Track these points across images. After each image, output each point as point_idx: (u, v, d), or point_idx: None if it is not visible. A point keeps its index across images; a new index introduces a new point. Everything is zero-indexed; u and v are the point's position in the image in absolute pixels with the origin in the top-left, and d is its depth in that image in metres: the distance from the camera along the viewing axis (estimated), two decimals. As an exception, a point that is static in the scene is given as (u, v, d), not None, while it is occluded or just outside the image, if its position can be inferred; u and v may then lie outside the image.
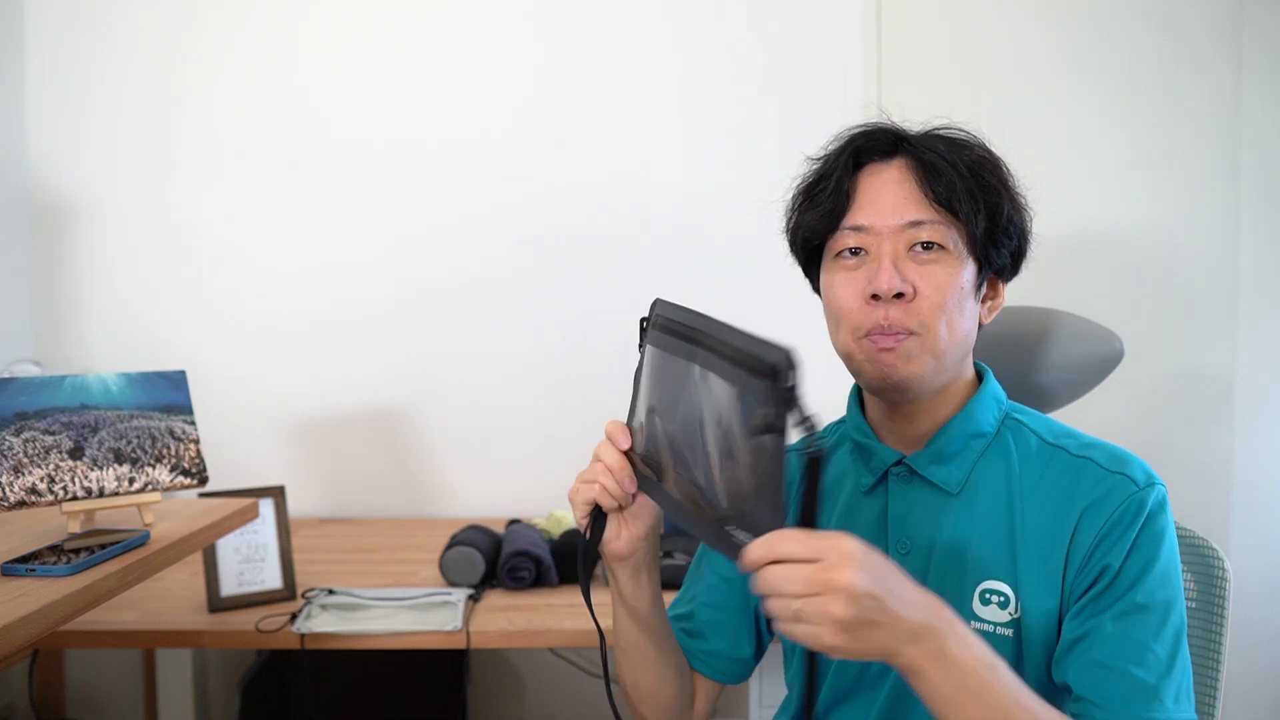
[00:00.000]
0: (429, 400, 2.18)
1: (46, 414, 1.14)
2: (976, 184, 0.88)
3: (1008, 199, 0.90)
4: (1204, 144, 2.13)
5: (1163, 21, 2.12)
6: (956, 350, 0.89)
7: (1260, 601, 2.14)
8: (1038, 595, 0.86)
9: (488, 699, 2.19)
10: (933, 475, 0.92)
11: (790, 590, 0.65)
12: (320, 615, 1.50)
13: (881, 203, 0.89)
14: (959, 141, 0.91)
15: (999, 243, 0.89)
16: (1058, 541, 0.86)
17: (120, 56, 2.14)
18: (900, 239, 0.88)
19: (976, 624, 0.87)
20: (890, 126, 0.93)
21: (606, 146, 2.15)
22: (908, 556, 0.92)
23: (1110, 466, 0.87)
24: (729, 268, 2.14)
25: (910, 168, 0.89)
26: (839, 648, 0.65)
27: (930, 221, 0.87)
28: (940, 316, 0.87)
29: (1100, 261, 2.14)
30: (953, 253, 0.88)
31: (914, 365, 0.87)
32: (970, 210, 0.87)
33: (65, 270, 2.16)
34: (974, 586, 0.88)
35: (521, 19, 2.14)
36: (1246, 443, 2.16)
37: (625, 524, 0.88)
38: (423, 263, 2.17)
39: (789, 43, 2.14)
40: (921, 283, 0.87)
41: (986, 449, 0.92)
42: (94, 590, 0.98)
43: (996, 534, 0.89)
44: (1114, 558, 0.83)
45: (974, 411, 0.92)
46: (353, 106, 2.15)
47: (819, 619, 0.64)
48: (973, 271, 0.89)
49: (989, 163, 0.90)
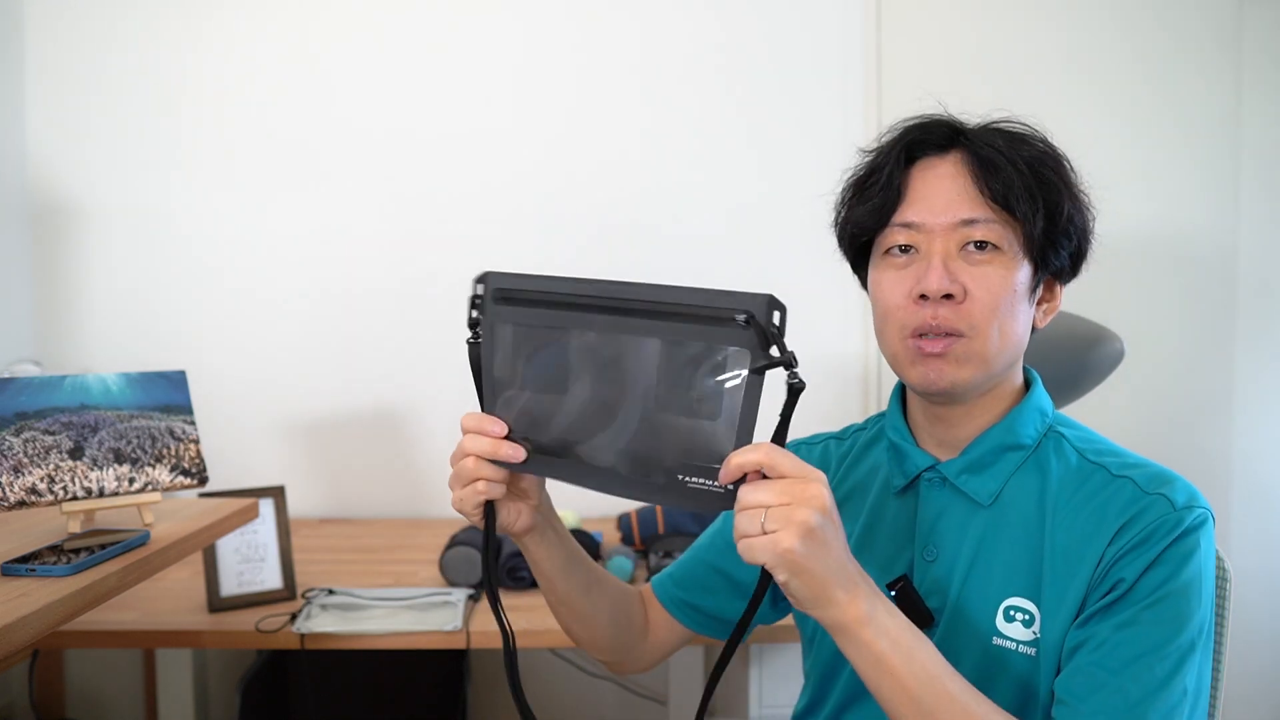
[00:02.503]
0: (429, 400, 2.18)
1: (46, 414, 1.14)
2: (1036, 181, 0.84)
3: (1069, 198, 0.86)
4: (1204, 144, 2.14)
5: (1163, 22, 2.12)
6: (1006, 356, 0.86)
7: (1260, 601, 2.14)
8: (1059, 615, 0.82)
9: (488, 699, 2.19)
10: (964, 485, 0.89)
11: (764, 500, 0.68)
12: (320, 615, 1.50)
13: (934, 199, 0.85)
14: (1019, 136, 0.87)
15: (1058, 244, 0.86)
16: (1086, 562, 0.82)
17: (120, 56, 2.13)
18: (952, 238, 0.84)
19: (1000, 640, 0.85)
20: (947, 119, 0.89)
21: (608, 146, 2.15)
22: (934, 564, 0.89)
23: (1149, 488, 0.83)
24: (729, 268, 2.14)
25: (966, 163, 0.85)
26: (793, 553, 0.67)
27: (984, 220, 0.84)
28: (992, 320, 0.83)
29: (1100, 261, 2.12)
30: (1007, 253, 0.84)
31: (964, 371, 0.84)
32: (1028, 209, 0.83)
33: (65, 270, 2.16)
34: (999, 602, 0.85)
35: (525, 20, 2.14)
36: (1246, 443, 2.16)
37: (516, 501, 0.85)
38: (423, 262, 2.17)
39: (789, 42, 2.14)
40: (973, 284, 0.83)
41: (1024, 462, 0.89)
42: (94, 590, 0.98)
43: (1025, 550, 0.85)
44: (1130, 571, 0.79)
45: (1015, 422, 0.89)
46: (353, 106, 2.15)
47: (784, 523, 0.67)
48: (1028, 273, 0.85)
49: (1050, 158, 0.86)
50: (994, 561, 0.86)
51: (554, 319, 0.76)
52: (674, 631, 1.07)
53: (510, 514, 0.85)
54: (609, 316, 0.74)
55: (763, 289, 0.70)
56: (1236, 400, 2.16)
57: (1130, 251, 2.15)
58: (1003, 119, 0.90)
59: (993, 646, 0.85)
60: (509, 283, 0.78)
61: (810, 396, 0.80)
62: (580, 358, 0.75)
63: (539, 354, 0.78)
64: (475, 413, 0.82)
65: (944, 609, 0.88)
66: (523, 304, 0.78)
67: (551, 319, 0.76)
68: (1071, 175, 0.87)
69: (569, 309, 0.76)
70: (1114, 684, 0.76)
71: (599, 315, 0.74)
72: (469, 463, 0.81)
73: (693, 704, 1.91)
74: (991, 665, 0.85)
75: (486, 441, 0.80)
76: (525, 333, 0.78)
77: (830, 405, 2.13)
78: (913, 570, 0.90)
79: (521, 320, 0.78)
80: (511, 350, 0.79)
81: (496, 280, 0.79)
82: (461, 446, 0.82)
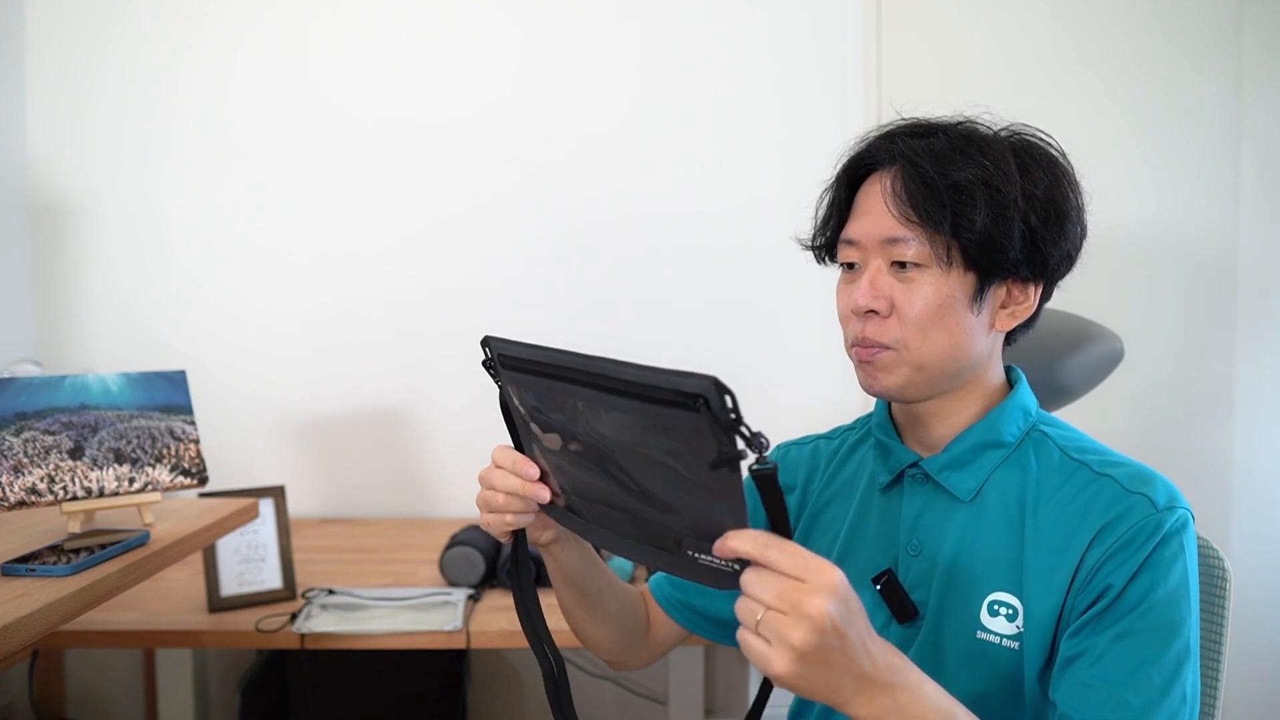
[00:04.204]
0: (429, 400, 2.18)
1: (46, 414, 1.14)
2: (956, 195, 0.83)
3: (1007, 203, 0.84)
4: (1204, 143, 2.14)
5: (1163, 21, 2.12)
6: (946, 364, 0.88)
7: (1260, 601, 2.14)
8: (1040, 609, 0.84)
9: (488, 699, 2.19)
10: (945, 481, 0.91)
11: (761, 596, 0.62)
12: (320, 615, 1.50)
13: (867, 217, 0.89)
14: (963, 141, 0.87)
15: (998, 250, 0.84)
16: (1068, 558, 0.83)
17: (120, 56, 2.14)
18: (883, 254, 0.87)
19: (984, 634, 0.86)
20: (885, 134, 0.91)
21: (608, 147, 2.15)
22: (917, 559, 0.91)
23: (1131, 486, 0.84)
24: (730, 266, 2.14)
25: (899, 177, 0.86)
26: (784, 677, 0.62)
27: (905, 239, 0.85)
28: (916, 334, 0.86)
29: (1100, 261, 2.12)
30: (933, 268, 0.85)
31: (892, 377, 0.88)
32: (948, 224, 0.83)
33: (65, 270, 2.16)
34: (983, 596, 0.87)
35: (523, 19, 2.14)
36: (1246, 443, 2.16)
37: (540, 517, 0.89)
38: (424, 262, 2.17)
39: (789, 41, 2.14)
40: (900, 299, 0.86)
41: (1005, 460, 0.90)
42: (94, 590, 0.98)
43: (1007, 545, 0.87)
44: (1118, 578, 0.81)
45: (997, 421, 0.91)
46: (352, 107, 2.15)
47: (777, 639, 0.62)
48: (970, 282, 0.86)
49: (989, 166, 0.84)
50: (977, 557, 0.88)
51: (550, 388, 0.74)
52: (671, 630, 1.10)
53: (536, 528, 0.89)
54: (589, 390, 0.70)
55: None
56: (1236, 400, 2.16)
57: (1130, 251, 2.15)
58: (960, 121, 0.90)
59: (977, 641, 0.86)
60: (505, 349, 0.78)
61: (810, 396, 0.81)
62: (579, 426, 0.74)
63: (549, 417, 0.78)
64: (508, 448, 0.85)
65: (928, 603, 0.89)
66: (519, 371, 0.77)
67: (549, 387, 0.75)
68: (1011, 179, 0.84)
69: (558, 379, 0.73)
70: (1117, 697, 0.78)
71: (581, 388, 0.71)
72: (498, 497, 0.84)
73: (693, 704, 1.91)
74: (976, 659, 0.86)
75: (516, 482, 0.83)
76: (535, 397, 0.78)
77: (827, 405, 2.13)
78: (898, 565, 0.93)
79: (526, 386, 0.78)
80: (527, 411, 0.80)
81: (498, 346, 0.79)
82: (490, 479, 0.84)
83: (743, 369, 2.14)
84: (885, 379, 0.89)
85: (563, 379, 0.72)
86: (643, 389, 0.65)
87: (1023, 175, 0.85)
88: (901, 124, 0.92)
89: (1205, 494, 2.15)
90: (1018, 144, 0.89)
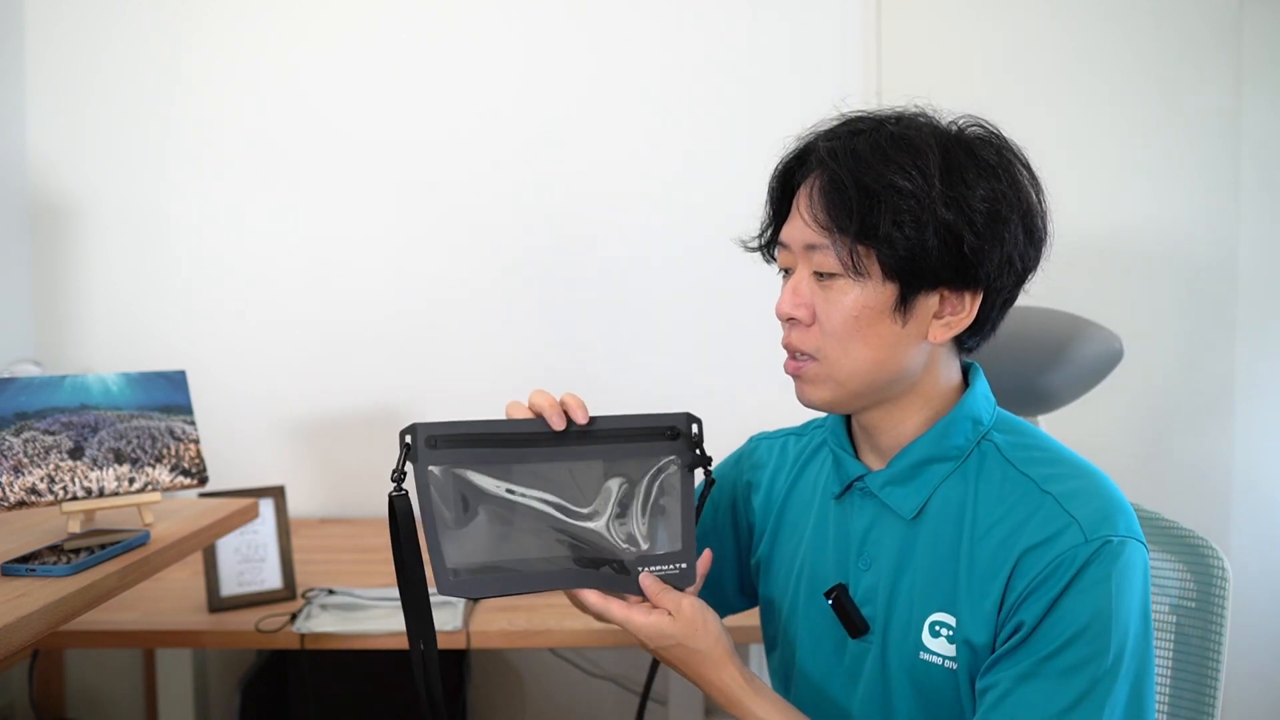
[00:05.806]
0: (429, 400, 2.18)
1: (46, 414, 1.14)
2: (867, 200, 0.79)
3: (921, 209, 0.78)
4: (1204, 144, 2.14)
5: (1163, 21, 2.12)
6: (870, 377, 0.83)
7: (1260, 601, 2.14)
8: (972, 631, 0.81)
9: (488, 699, 2.19)
10: (888, 498, 0.87)
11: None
12: (320, 615, 1.50)
13: (795, 221, 0.85)
14: (889, 142, 0.81)
15: (915, 257, 0.79)
16: (996, 579, 0.80)
17: (120, 57, 2.13)
18: (807, 261, 0.84)
19: (926, 655, 0.84)
20: (825, 132, 0.86)
21: (606, 148, 2.15)
22: (868, 572, 0.88)
23: (1067, 507, 0.79)
24: (730, 266, 2.13)
25: (818, 180, 0.83)
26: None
27: (821, 245, 0.82)
28: (837, 344, 0.83)
29: (1100, 261, 2.13)
30: (851, 278, 0.81)
31: (819, 391, 0.86)
32: (854, 231, 0.79)
33: (65, 270, 2.16)
34: (924, 616, 0.84)
35: (521, 17, 2.14)
36: (1246, 443, 2.16)
37: None
38: (423, 262, 2.17)
39: (788, 35, 2.14)
40: (822, 307, 0.83)
41: (952, 473, 0.86)
42: (94, 590, 0.98)
43: (946, 564, 0.84)
44: (1029, 614, 0.77)
45: (943, 434, 0.86)
46: (352, 107, 2.15)
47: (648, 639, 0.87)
48: (891, 292, 0.81)
49: (908, 169, 0.79)
50: (918, 576, 0.85)
51: (491, 455, 0.85)
52: None
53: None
54: (545, 448, 0.85)
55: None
56: (1237, 400, 2.16)
57: (1130, 251, 2.14)
58: (915, 110, 0.86)
59: (920, 661, 0.84)
60: (438, 430, 0.85)
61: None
62: (526, 482, 0.86)
63: (481, 487, 0.86)
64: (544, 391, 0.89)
65: (877, 618, 0.87)
66: (455, 446, 0.85)
67: (489, 455, 0.85)
68: (930, 183, 0.78)
69: (504, 446, 0.85)
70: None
71: (534, 448, 0.85)
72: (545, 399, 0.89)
73: (693, 704, 1.91)
74: (921, 680, 0.84)
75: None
76: (466, 477, 0.85)
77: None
78: (851, 578, 0.90)
79: (463, 461, 0.85)
80: (455, 488, 0.86)
81: (431, 429, 0.85)
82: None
83: (750, 372, 2.14)
84: (812, 393, 0.86)
85: (516, 443, 0.85)
86: (624, 431, 0.87)
87: (948, 179, 0.79)
88: (844, 120, 0.87)
89: (1205, 494, 2.15)
90: (956, 142, 0.82)
